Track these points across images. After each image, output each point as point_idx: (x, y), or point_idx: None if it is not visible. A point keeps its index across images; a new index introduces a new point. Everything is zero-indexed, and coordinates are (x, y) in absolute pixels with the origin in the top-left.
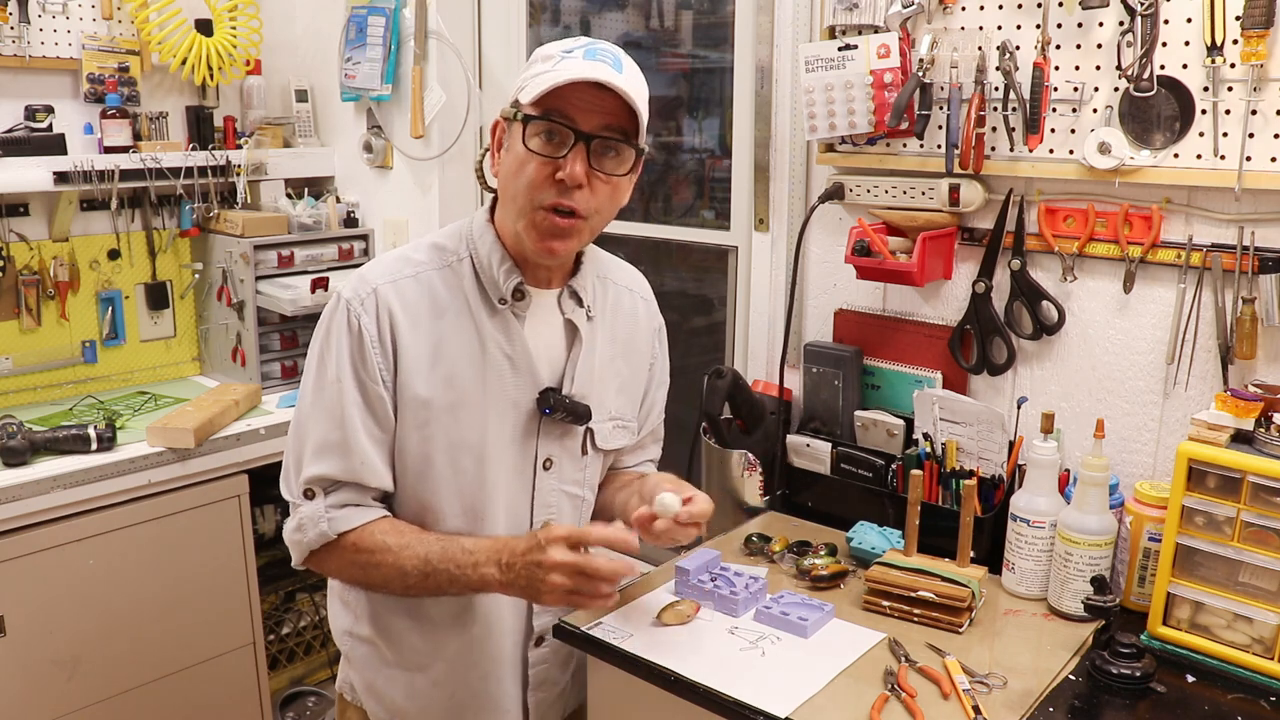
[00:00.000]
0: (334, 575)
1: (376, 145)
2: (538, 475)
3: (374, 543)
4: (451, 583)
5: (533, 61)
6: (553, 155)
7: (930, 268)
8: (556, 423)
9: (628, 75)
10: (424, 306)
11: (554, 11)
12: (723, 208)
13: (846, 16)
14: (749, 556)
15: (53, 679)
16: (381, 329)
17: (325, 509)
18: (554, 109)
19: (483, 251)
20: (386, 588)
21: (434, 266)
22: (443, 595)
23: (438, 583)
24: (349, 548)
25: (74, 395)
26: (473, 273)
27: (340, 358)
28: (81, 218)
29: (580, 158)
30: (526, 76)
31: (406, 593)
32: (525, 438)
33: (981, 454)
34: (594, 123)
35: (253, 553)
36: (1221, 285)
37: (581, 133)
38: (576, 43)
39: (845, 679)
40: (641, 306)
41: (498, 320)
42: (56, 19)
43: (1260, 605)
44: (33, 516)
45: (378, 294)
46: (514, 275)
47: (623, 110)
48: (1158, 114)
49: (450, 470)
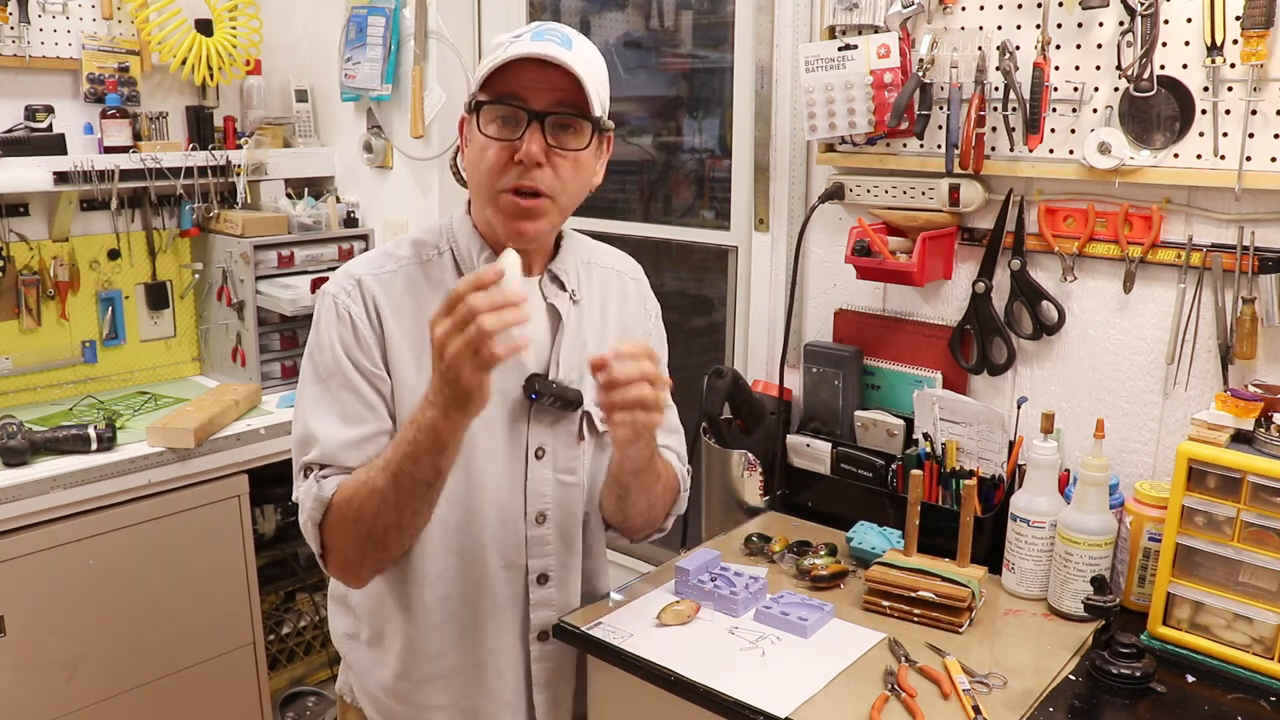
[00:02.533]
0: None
1: (376, 145)
2: (529, 464)
3: (351, 486)
4: (416, 462)
5: (488, 51)
6: (509, 138)
7: (930, 268)
8: (547, 409)
9: (577, 51)
10: (407, 299)
11: (554, 11)
12: (723, 208)
13: (846, 16)
14: (749, 556)
15: (53, 679)
16: (370, 316)
17: (316, 479)
18: (504, 92)
19: (462, 243)
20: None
21: (415, 261)
22: (426, 488)
23: (408, 474)
24: (339, 509)
25: (74, 395)
26: (454, 265)
27: (335, 347)
28: (81, 218)
29: (536, 136)
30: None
31: (401, 518)
32: (514, 427)
33: (981, 454)
34: (545, 100)
35: (253, 553)
36: (1221, 285)
37: (533, 111)
38: (528, 27)
39: (845, 679)
40: (631, 287)
41: None
42: (56, 19)
43: (1260, 605)
44: (33, 516)
45: (362, 284)
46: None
47: (574, 86)
48: (1158, 114)
49: None
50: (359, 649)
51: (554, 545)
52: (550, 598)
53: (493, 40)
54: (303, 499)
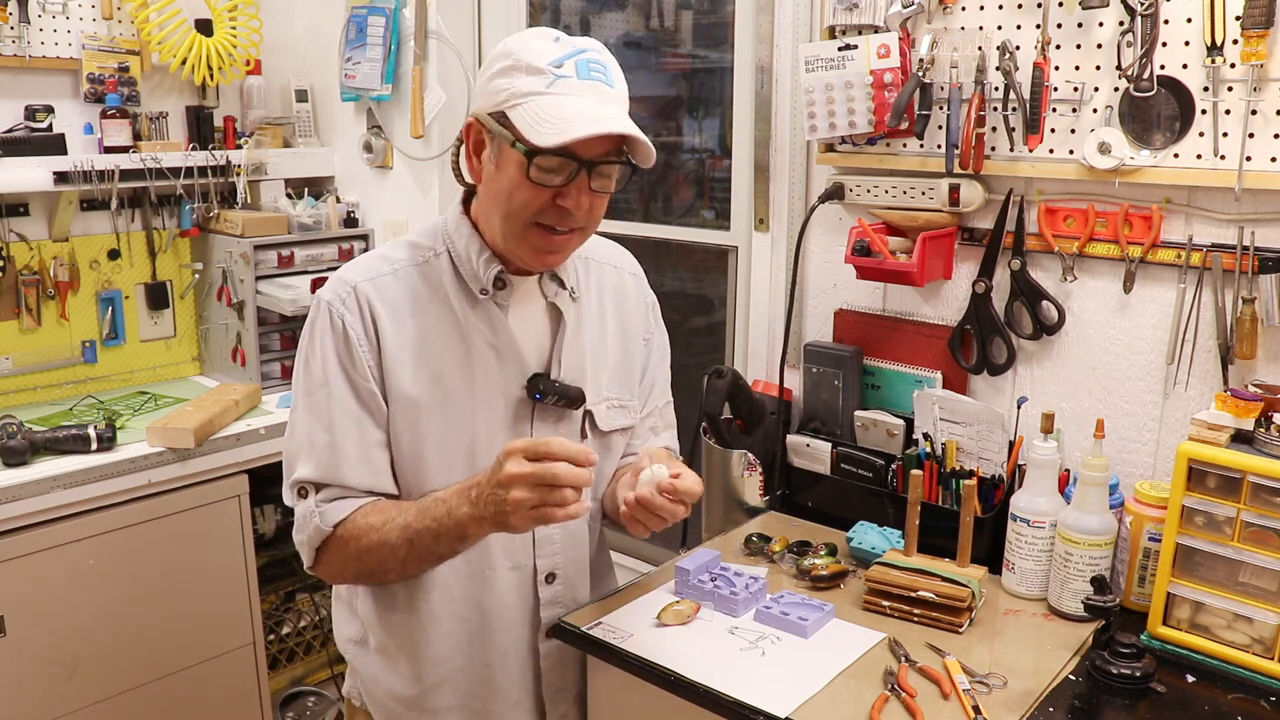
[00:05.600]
0: (340, 576)
1: (376, 145)
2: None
3: (360, 526)
4: (436, 539)
5: (514, 69)
6: (550, 183)
7: (930, 268)
8: (550, 409)
9: (617, 86)
10: (405, 303)
11: (554, 11)
12: (723, 208)
13: (846, 16)
14: (749, 556)
15: (53, 679)
16: (366, 326)
17: (316, 504)
18: (559, 148)
19: (460, 244)
20: (385, 572)
21: (412, 263)
22: (437, 559)
23: (425, 545)
24: (342, 541)
25: (74, 395)
26: (451, 267)
27: (327, 359)
28: (81, 218)
29: (584, 187)
30: (512, 90)
31: (404, 571)
32: (518, 427)
33: (981, 454)
34: (595, 151)
35: (253, 553)
36: (1221, 285)
37: (584, 161)
38: (563, 50)
39: (845, 679)
40: (630, 282)
41: (479, 311)
42: (56, 19)
43: (1260, 605)
44: (33, 516)
45: (357, 291)
46: (494, 264)
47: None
48: (1158, 114)
49: (443, 466)
50: (365, 655)
51: (560, 544)
52: (559, 596)
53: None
54: (301, 522)
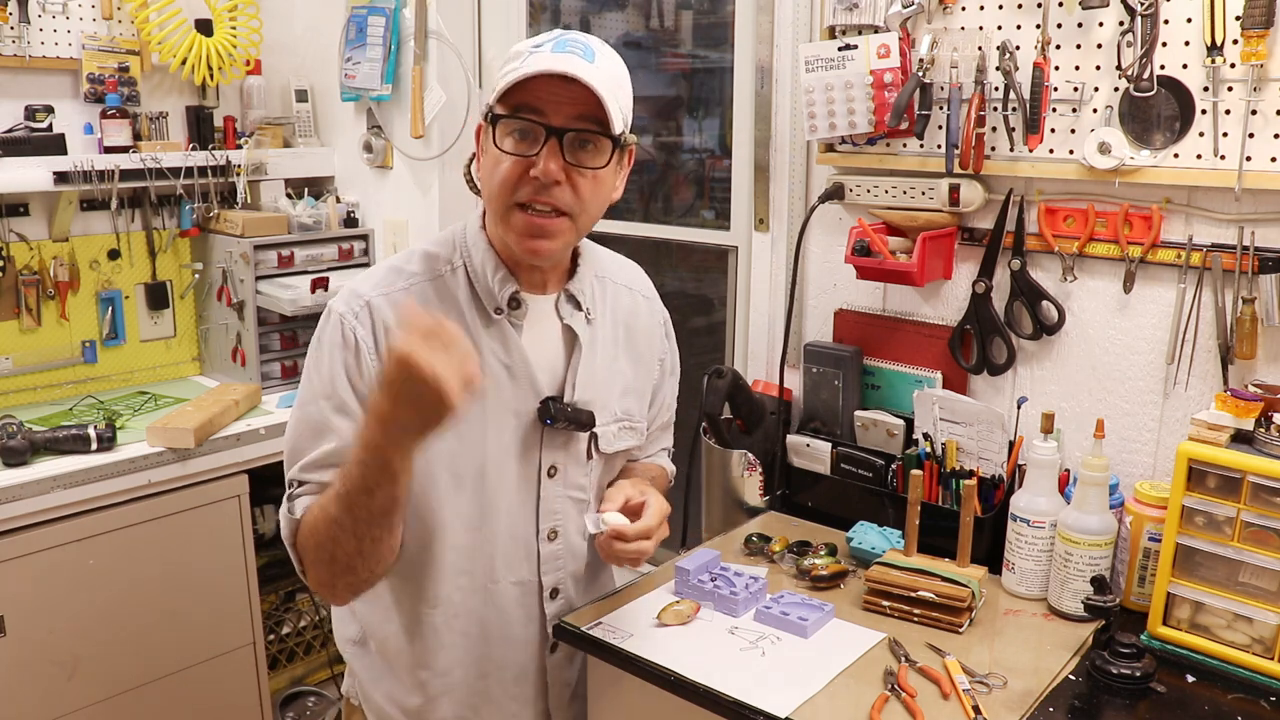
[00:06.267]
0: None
1: (376, 145)
2: (542, 483)
3: (313, 514)
4: (369, 492)
5: (506, 59)
6: (525, 153)
7: (930, 268)
8: (559, 431)
9: (600, 64)
10: None
11: (554, 11)
12: (723, 208)
13: (846, 16)
14: (749, 556)
15: (53, 679)
16: (377, 339)
17: (288, 499)
18: (522, 105)
19: (476, 260)
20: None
21: (427, 277)
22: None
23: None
24: (305, 530)
25: (74, 395)
26: (467, 282)
27: (335, 369)
28: (81, 218)
29: (554, 153)
30: (498, 75)
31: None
32: (528, 447)
33: (981, 454)
34: (564, 115)
35: (253, 553)
36: (1221, 285)
37: (552, 127)
38: (549, 36)
39: (845, 679)
40: (643, 304)
41: (494, 330)
42: (56, 19)
43: (1260, 605)
44: (33, 516)
45: (371, 306)
46: (509, 284)
47: (595, 101)
48: (1158, 114)
49: (452, 486)
50: (364, 656)
51: (565, 559)
52: (563, 610)
53: (511, 48)
54: (281, 520)
